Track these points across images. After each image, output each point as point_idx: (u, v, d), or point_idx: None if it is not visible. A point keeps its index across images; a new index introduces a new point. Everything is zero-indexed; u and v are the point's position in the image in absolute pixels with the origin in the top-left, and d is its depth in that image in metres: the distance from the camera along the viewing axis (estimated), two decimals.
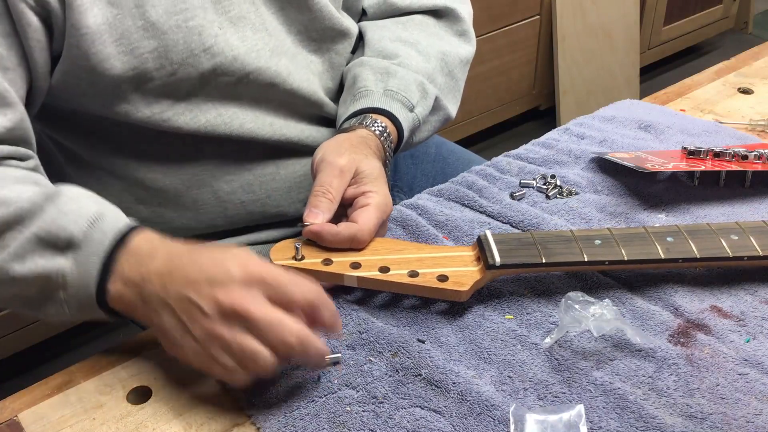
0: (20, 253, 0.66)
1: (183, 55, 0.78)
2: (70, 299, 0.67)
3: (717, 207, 0.84)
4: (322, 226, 0.72)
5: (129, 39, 0.76)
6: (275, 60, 0.85)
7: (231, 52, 0.81)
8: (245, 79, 0.83)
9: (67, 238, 0.66)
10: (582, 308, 0.65)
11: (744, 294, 0.72)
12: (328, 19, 0.89)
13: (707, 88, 1.11)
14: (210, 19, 0.79)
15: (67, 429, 0.64)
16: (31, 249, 0.66)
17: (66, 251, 0.66)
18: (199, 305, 0.61)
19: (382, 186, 0.76)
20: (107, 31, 0.75)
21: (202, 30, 0.79)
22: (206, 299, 0.61)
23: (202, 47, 0.79)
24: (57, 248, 0.66)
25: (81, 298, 0.66)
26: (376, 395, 0.64)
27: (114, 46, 0.75)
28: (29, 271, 0.66)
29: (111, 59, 0.76)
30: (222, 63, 0.81)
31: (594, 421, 0.61)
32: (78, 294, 0.66)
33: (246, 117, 0.86)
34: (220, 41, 0.80)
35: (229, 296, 0.61)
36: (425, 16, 0.99)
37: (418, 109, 0.89)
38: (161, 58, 0.78)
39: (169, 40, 0.77)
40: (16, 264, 0.66)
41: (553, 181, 0.88)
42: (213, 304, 0.61)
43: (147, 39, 0.76)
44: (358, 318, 0.71)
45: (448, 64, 0.95)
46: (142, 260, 0.65)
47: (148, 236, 0.68)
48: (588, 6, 2.41)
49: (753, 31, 3.13)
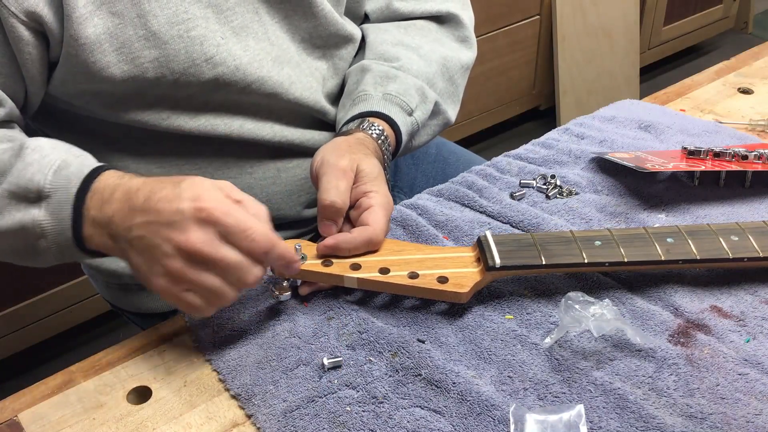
0: None
1: (184, 65, 0.78)
2: (52, 245, 0.70)
3: (717, 207, 0.84)
4: (336, 239, 0.72)
5: (130, 48, 0.76)
6: (277, 69, 0.85)
7: (233, 62, 0.81)
8: (247, 88, 0.83)
9: (36, 190, 0.69)
10: (582, 308, 0.65)
11: (744, 294, 0.72)
12: (333, 25, 0.89)
13: (707, 88, 1.11)
14: (212, 29, 0.79)
15: (67, 429, 0.64)
16: (6, 204, 0.70)
17: (38, 202, 0.69)
18: (161, 248, 0.63)
19: (382, 185, 0.76)
20: (107, 41, 0.75)
21: (204, 40, 0.79)
22: (165, 241, 0.63)
23: (204, 57, 0.79)
24: (29, 200, 0.70)
25: (61, 243, 0.70)
26: (376, 395, 0.64)
27: (114, 55, 0.75)
28: (9, 225, 0.70)
29: (111, 68, 0.76)
30: (224, 73, 0.81)
31: (594, 421, 0.61)
32: (57, 240, 0.70)
33: (246, 119, 0.86)
34: (222, 51, 0.80)
35: (186, 239, 0.62)
36: (427, 22, 0.99)
37: (417, 114, 0.89)
38: (162, 67, 0.78)
39: (170, 50, 0.77)
40: None
41: (553, 181, 0.88)
42: (171, 246, 0.63)
43: (148, 48, 0.76)
44: (358, 318, 0.71)
45: (449, 69, 0.95)
46: (105, 201, 0.68)
47: (111, 176, 0.70)
48: (588, 6, 2.41)
49: (753, 31, 3.13)
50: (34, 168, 0.70)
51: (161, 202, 0.64)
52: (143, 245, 0.65)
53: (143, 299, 0.94)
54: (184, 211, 0.63)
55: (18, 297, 1.71)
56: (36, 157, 0.71)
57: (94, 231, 0.69)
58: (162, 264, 0.63)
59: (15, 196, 0.70)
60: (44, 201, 0.69)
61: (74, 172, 0.70)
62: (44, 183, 0.69)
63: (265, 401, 0.64)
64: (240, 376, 0.67)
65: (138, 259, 0.65)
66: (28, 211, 0.70)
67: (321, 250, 0.72)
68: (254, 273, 0.65)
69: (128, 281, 0.93)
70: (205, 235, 0.63)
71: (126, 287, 0.94)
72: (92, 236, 0.69)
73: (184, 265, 0.63)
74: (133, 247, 0.65)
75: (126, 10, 0.75)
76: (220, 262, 0.63)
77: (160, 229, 0.64)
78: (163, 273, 0.64)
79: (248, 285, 0.65)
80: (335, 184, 0.73)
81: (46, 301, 1.75)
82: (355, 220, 0.74)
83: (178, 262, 0.63)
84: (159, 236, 0.63)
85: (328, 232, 0.73)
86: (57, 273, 1.73)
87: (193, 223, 0.63)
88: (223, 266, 0.63)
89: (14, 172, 0.70)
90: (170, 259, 0.63)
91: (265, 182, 0.90)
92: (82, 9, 0.73)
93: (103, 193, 0.68)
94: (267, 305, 0.73)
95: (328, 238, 0.72)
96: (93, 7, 0.73)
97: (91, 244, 0.70)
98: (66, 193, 0.69)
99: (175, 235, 0.63)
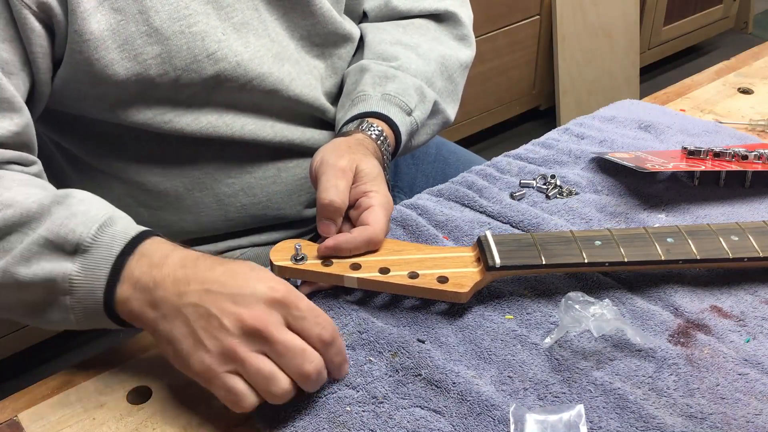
0: (26, 256, 0.64)
1: (186, 60, 0.78)
2: (77, 305, 0.64)
3: (717, 207, 0.84)
4: (336, 239, 0.71)
5: (132, 45, 0.76)
6: (278, 66, 0.85)
7: (234, 58, 0.81)
8: (248, 85, 0.83)
9: (75, 241, 0.64)
10: (582, 308, 0.65)
11: (744, 294, 0.72)
12: (331, 23, 0.89)
13: (707, 88, 1.11)
14: (213, 24, 0.79)
15: (67, 429, 0.64)
16: (38, 252, 0.64)
17: (74, 255, 0.64)
18: (220, 320, 0.59)
19: (382, 185, 0.76)
20: (110, 37, 0.75)
21: (206, 36, 0.79)
22: (229, 316, 0.59)
23: (206, 53, 0.79)
24: (64, 251, 0.64)
25: (87, 303, 0.64)
26: (376, 395, 0.64)
27: (117, 51, 0.75)
28: (35, 275, 0.64)
29: (114, 65, 0.76)
30: (225, 69, 0.81)
31: (594, 421, 0.61)
32: (85, 299, 0.64)
33: (248, 119, 0.86)
34: (224, 47, 0.80)
35: (254, 316, 0.58)
36: (426, 20, 0.99)
37: (416, 113, 0.89)
38: (164, 63, 0.77)
39: (172, 46, 0.77)
40: (22, 267, 0.64)
41: (553, 181, 0.88)
42: (236, 322, 0.59)
43: (150, 45, 0.76)
44: (358, 318, 0.71)
45: (448, 68, 0.95)
46: (154, 265, 0.63)
47: (161, 241, 0.66)
48: (588, 6, 2.41)
49: (753, 31, 3.13)
50: (78, 219, 0.64)
51: (227, 274, 0.61)
52: (197, 314, 0.60)
53: None
54: (257, 290, 0.60)
55: None
56: (83, 209, 0.66)
57: (132, 294, 0.63)
58: (215, 337, 0.59)
59: (50, 245, 0.64)
60: (80, 255, 0.64)
61: (119, 231, 0.65)
62: (86, 236, 0.63)
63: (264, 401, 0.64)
64: None
65: (182, 330, 0.60)
66: (60, 263, 0.63)
67: (322, 251, 0.72)
68: (315, 362, 0.59)
69: None
70: (272, 316, 0.59)
71: None
72: (128, 300, 0.63)
73: (240, 342, 0.58)
74: (181, 316, 0.60)
75: (128, 6, 0.75)
76: (284, 343, 0.58)
77: (223, 300, 0.59)
78: (213, 348, 0.59)
79: (305, 374, 0.59)
80: (334, 183, 0.73)
81: None
82: (355, 220, 0.74)
83: (235, 339, 0.58)
84: (219, 307, 0.59)
85: (328, 232, 0.73)
86: None
87: (264, 302, 0.59)
88: (283, 350, 0.58)
89: (56, 220, 0.64)
90: (226, 334, 0.58)
91: (266, 182, 0.90)
92: (86, 4, 0.72)
93: (153, 257, 0.63)
94: None
95: (329, 239, 0.72)
96: (96, 2, 0.73)
97: (122, 307, 0.64)
98: (108, 251, 0.64)
99: (240, 309, 0.59)
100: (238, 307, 0.59)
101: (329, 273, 0.71)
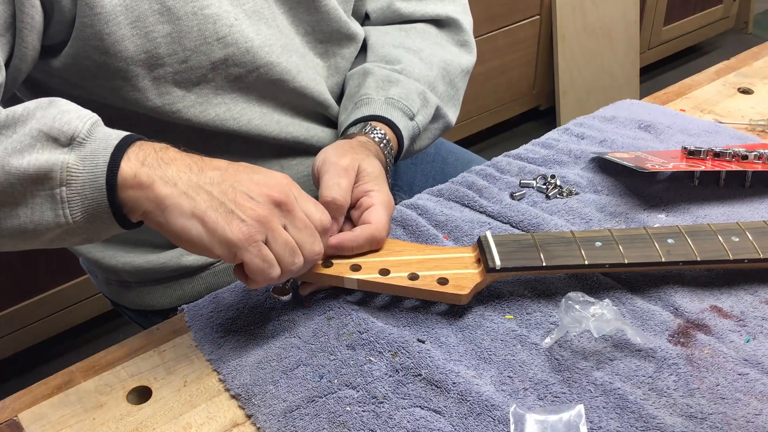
0: (18, 148, 0.61)
1: (196, 42, 0.79)
2: (74, 197, 0.61)
3: (717, 207, 0.84)
4: (338, 238, 0.72)
5: (144, 22, 0.76)
6: (286, 57, 0.86)
7: (245, 44, 0.81)
8: (255, 72, 0.83)
9: (71, 133, 0.62)
10: (582, 308, 0.65)
11: (744, 294, 0.72)
12: (336, 21, 0.90)
13: (707, 88, 1.11)
14: (226, 9, 0.80)
15: (67, 429, 0.64)
16: (30, 144, 0.61)
17: (69, 146, 0.62)
18: (248, 194, 0.63)
19: (383, 184, 0.76)
20: (123, 13, 0.75)
21: (218, 19, 0.79)
22: (254, 190, 0.64)
23: (216, 36, 0.79)
24: (59, 143, 0.62)
25: (87, 192, 0.61)
26: (376, 395, 0.64)
27: (129, 28, 0.75)
28: (28, 165, 0.60)
29: (125, 41, 0.76)
30: (234, 54, 0.81)
31: (594, 421, 0.61)
32: (83, 188, 0.61)
33: (254, 113, 0.86)
34: (235, 32, 0.80)
35: (279, 190, 0.64)
36: (427, 25, 0.99)
37: (418, 118, 0.89)
38: (174, 43, 0.78)
39: (183, 26, 0.77)
40: (14, 159, 0.61)
41: (553, 181, 0.88)
42: (263, 196, 0.64)
43: (162, 23, 0.76)
44: (358, 318, 0.71)
45: (450, 73, 0.96)
46: (158, 149, 0.65)
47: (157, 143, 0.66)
48: (588, 6, 2.41)
49: (753, 31, 3.13)
50: (72, 115, 0.63)
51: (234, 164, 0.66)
52: (221, 190, 0.63)
53: (143, 296, 0.94)
54: (270, 172, 0.66)
55: (18, 297, 1.72)
56: (73, 108, 0.64)
57: (140, 169, 0.62)
58: (249, 207, 0.63)
59: (44, 137, 0.61)
60: (77, 146, 0.62)
61: (111, 133, 0.64)
62: (81, 129, 0.62)
63: (265, 401, 0.64)
64: (240, 376, 0.67)
65: (210, 204, 0.62)
66: (55, 154, 0.61)
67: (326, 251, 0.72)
68: (320, 244, 0.67)
69: (127, 278, 0.94)
70: (291, 193, 0.65)
71: (125, 284, 0.95)
72: (135, 175, 0.62)
73: (271, 213, 0.63)
74: (204, 192, 0.63)
75: None
76: (302, 219, 0.65)
77: (244, 179, 0.64)
78: (248, 218, 0.62)
79: (313, 255, 0.66)
80: (336, 181, 0.73)
81: (46, 301, 1.75)
82: (356, 220, 0.74)
83: (267, 209, 0.63)
84: (244, 184, 0.64)
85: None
86: (57, 273, 1.74)
87: (281, 180, 0.66)
88: (302, 225, 0.65)
89: (47, 115, 0.62)
90: (257, 204, 0.63)
91: None
92: None
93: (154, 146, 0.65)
94: (267, 306, 0.73)
95: (332, 237, 0.72)
96: None
97: (127, 189, 0.62)
98: (105, 142, 0.62)
99: (262, 186, 0.64)
100: (260, 185, 0.64)
101: (329, 274, 0.71)
